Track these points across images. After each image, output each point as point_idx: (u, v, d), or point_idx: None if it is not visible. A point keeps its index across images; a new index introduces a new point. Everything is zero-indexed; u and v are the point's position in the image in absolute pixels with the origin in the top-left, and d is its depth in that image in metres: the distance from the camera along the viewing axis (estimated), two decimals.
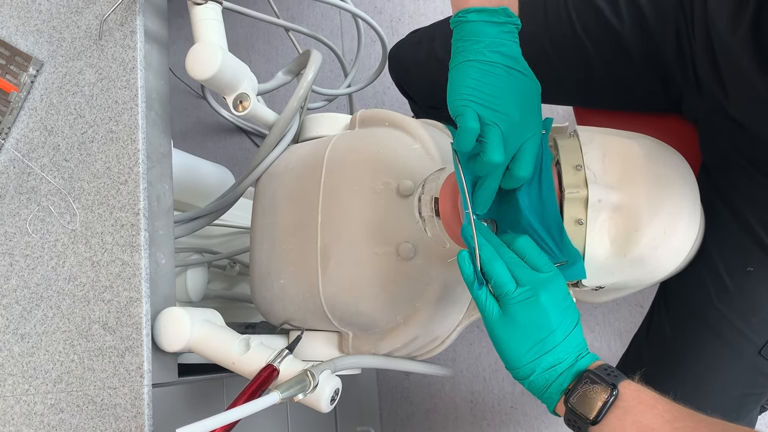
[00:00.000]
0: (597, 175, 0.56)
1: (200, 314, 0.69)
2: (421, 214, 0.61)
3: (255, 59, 1.70)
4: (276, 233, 0.76)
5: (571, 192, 0.56)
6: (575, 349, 0.52)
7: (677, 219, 0.57)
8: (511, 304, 0.52)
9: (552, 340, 0.52)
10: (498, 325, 0.53)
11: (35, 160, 0.72)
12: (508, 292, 0.52)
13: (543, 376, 0.52)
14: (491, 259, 0.53)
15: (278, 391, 0.56)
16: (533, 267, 0.54)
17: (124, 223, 0.66)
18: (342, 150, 0.75)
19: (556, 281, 0.53)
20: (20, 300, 0.69)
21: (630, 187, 0.56)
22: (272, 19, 0.88)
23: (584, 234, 0.55)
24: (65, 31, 0.73)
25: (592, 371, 0.51)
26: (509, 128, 0.53)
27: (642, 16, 0.70)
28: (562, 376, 0.51)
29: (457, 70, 0.55)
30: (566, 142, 0.59)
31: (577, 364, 0.52)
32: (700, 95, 0.70)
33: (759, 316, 0.65)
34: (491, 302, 0.54)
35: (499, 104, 0.53)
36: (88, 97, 0.71)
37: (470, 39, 0.55)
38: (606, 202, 0.56)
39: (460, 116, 0.53)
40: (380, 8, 1.59)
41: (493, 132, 0.53)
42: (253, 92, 0.75)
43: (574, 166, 0.57)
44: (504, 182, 0.56)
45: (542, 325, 0.52)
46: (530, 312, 0.52)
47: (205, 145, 1.71)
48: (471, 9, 0.56)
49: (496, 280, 0.53)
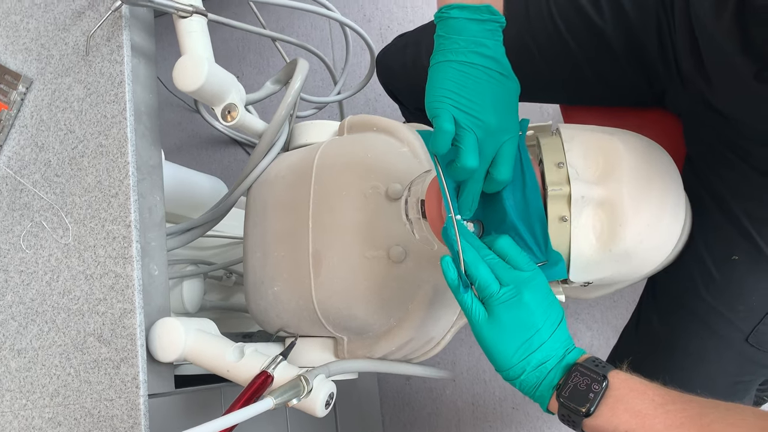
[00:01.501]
0: (579, 171, 0.57)
1: (194, 324, 0.69)
2: (408, 216, 0.62)
3: (246, 70, 1.72)
4: (268, 241, 0.77)
5: (554, 189, 0.56)
6: (562, 344, 0.53)
7: (661, 212, 0.58)
8: (496, 305, 0.53)
9: (539, 338, 0.52)
10: (485, 327, 0.53)
11: (27, 176, 0.72)
12: (492, 293, 0.53)
13: (533, 375, 0.52)
14: (474, 261, 0.54)
15: (272, 397, 0.56)
16: (515, 266, 0.54)
17: (116, 235, 0.67)
18: (331, 156, 0.76)
19: (537, 279, 0.54)
20: (16, 316, 0.70)
21: (612, 182, 0.56)
22: (259, 30, 0.89)
23: (569, 231, 0.56)
24: (53, 49, 0.74)
25: (581, 364, 0.51)
26: (485, 133, 0.54)
27: (623, 12, 0.71)
28: (552, 372, 0.52)
29: (436, 69, 0.56)
30: (548, 140, 0.59)
31: (566, 359, 0.52)
32: (684, 88, 0.71)
33: (745, 305, 0.66)
34: (477, 305, 0.54)
35: (475, 108, 0.54)
36: (77, 113, 0.71)
37: (451, 37, 0.56)
38: (589, 198, 0.56)
39: (436, 118, 0.54)
40: (369, 16, 1.61)
41: (468, 137, 0.53)
42: (241, 102, 0.76)
43: (556, 163, 0.57)
44: (486, 186, 0.56)
45: (528, 323, 0.52)
46: (515, 311, 0.52)
47: (200, 158, 1.72)
48: (454, 5, 0.56)
49: (480, 282, 0.53)
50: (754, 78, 0.56)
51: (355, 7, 1.62)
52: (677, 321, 0.70)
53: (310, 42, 1.65)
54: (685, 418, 0.47)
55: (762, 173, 0.65)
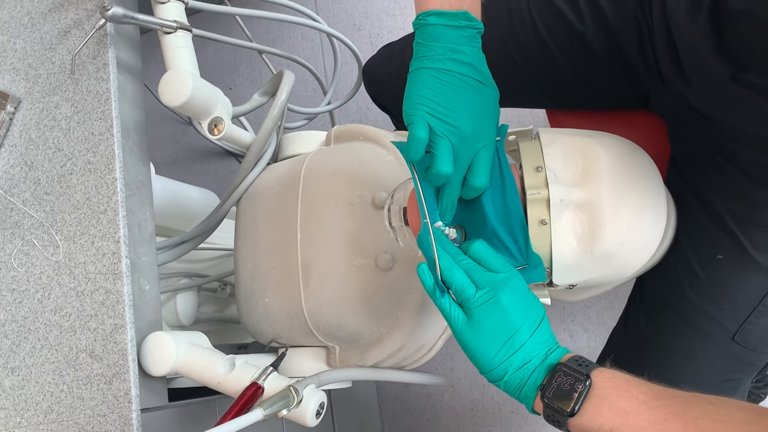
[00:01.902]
0: (558, 174, 0.57)
1: (185, 337, 0.70)
2: (392, 224, 0.62)
3: (239, 82, 1.73)
4: (258, 252, 0.77)
5: (532, 193, 0.57)
6: (544, 344, 0.53)
7: (641, 214, 0.58)
8: (473, 308, 0.53)
9: (519, 338, 0.52)
10: (465, 330, 0.53)
11: (17, 195, 0.73)
12: (469, 297, 0.53)
13: (516, 376, 0.52)
14: (449, 267, 0.54)
15: (261, 408, 0.56)
16: (491, 269, 0.55)
17: (105, 251, 0.68)
18: (317, 166, 0.76)
19: (514, 280, 0.54)
20: (9, 334, 0.70)
21: (591, 184, 0.57)
22: (245, 43, 0.90)
23: (549, 234, 0.56)
24: (40, 68, 0.75)
25: (564, 364, 0.51)
26: (460, 141, 0.54)
27: (602, 15, 0.72)
28: (535, 372, 0.52)
29: (414, 76, 0.56)
30: (527, 145, 0.60)
31: (549, 358, 0.52)
32: (665, 90, 0.71)
33: (731, 303, 0.66)
34: (455, 309, 0.54)
35: (450, 116, 0.54)
36: (65, 131, 0.72)
37: (429, 44, 0.56)
38: (568, 201, 0.57)
39: (411, 125, 0.54)
40: (359, 25, 1.62)
41: (443, 144, 0.54)
42: (227, 115, 0.76)
43: (534, 167, 0.58)
44: (463, 192, 0.57)
45: (506, 324, 0.52)
46: (493, 313, 0.52)
47: (195, 170, 1.73)
48: (431, 12, 0.56)
49: (456, 286, 0.54)
50: (731, 80, 0.56)
51: (344, 16, 1.63)
52: (664, 321, 0.70)
53: (300, 52, 1.66)
54: (670, 414, 0.47)
55: (745, 174, 0.65)
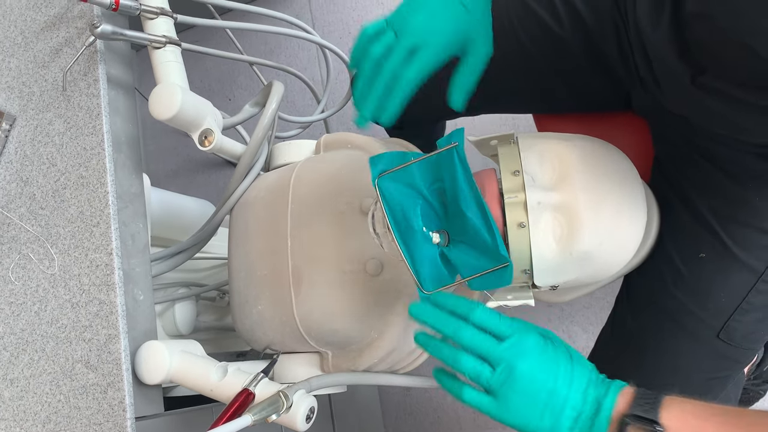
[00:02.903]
0: (535, 178, 0.58)
1: (179, 346, 0.71)
2: (376, 230, 0.63)
3: (238, 93, 1.75)
4: (251, 260, 0.79)
5: (510, 197, 0.58)
6: (588, 387, 0.50)
7: (618, 214, 0.59)
8: (498, 389, 0.50)
9: (557, 396, 0.49)
10: (499, 411, 0.51)
11: (13, 210, 0.75)
12: (487, 379, 0.51)
13: (577, 428, 0.50)
14: (454, 357, 0.52)
15: (250, 414, 0.57)
16: (497, 334, 0.52)
17: (98, 263, 0.69)
18: (306, 174, 0.78)
19: (525, 340, 0.51)
20: (8, 346, 0.72)
21: (567, 186, 0.57)
22: (235, 55, 0.91)
23: (528, 236, 0.57)
24: (34, 86, 0.77)
25: (630, 416, 0.48)
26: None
27: (580, 19, 0.72)
28: (597, 423, 0.49)
29: None
30: (506, 150, 0.61)
31: (603, 407, 0.49)
32: (645, 92, 0.72)
33: (714, 301, 0.66)
34: (480, 397, 0.52)
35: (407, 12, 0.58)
36: (58, 146, 0.74)
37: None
38: (546, 204, 0.57)
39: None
40: (354, 34, 1.63)
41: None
42: (218, 127, 0.78)
43: (512, 171, 0.59)
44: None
45: (538, 389, 0.49)
46: (519, 385, 0.50)
47: (196, 181, 1.75)
48: None
49: (470, 374, 0.51)
50: (691, 82, 0.57)
51: (339, 25, 1.64)
52: (649, 319, 0.70)
53: (297, 62, 1.68)
54: None
55: (724, 171, 0.66)
